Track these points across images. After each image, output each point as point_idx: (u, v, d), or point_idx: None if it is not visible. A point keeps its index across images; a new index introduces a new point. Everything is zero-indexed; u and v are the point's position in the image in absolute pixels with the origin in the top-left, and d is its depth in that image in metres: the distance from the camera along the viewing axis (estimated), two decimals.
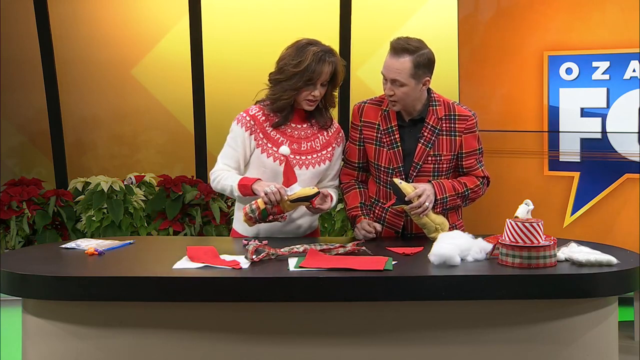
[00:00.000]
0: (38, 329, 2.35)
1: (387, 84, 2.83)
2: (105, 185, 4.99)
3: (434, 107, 2.90)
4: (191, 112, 5.56)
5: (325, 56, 2.78)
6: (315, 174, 2.92)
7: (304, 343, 2.28)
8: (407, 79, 2.77)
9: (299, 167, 2.87)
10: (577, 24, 3.99)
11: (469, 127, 2.91)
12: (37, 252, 2.73)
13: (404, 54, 2.76)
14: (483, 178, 2.96)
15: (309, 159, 2.90)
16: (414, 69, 2.76)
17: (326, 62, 2.78)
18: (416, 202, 2.75)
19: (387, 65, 2.82)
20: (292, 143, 2.88)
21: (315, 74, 2.77)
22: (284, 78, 2.80)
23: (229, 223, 5.15)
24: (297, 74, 2.77)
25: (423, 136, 2.89)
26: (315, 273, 2.29)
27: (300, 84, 2.78)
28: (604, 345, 2.38)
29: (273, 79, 2.86)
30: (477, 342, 2.28)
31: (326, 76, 2.80)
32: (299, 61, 2.77)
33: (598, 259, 2.35)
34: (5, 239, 4.97)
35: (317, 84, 2.80)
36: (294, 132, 2.90)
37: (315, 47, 2.79)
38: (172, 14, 5.56)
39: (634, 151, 3.87)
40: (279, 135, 2.88)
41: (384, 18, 5.46)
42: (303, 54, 2.77)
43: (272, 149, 2.86)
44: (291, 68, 2.77)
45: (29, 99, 5.61)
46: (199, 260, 2.41)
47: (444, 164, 2.90)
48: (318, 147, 2.92)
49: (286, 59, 2.81)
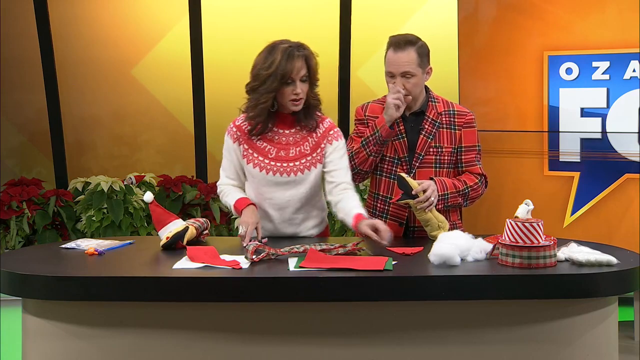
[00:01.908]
0: (38, 329, 2.35)
1: (396, 79, 2.89)
2: (105, 185, 4.99)
3: (433, 103, 3.00)
4: (191, 112, 5.56)
5: (294, 51, 2.73)
6: (309, 179, 2.86)
7: (304, 343, 2.28)
8: (416, 69, 2.88)
9: (287, 174, 2.83)
10: (577, 24, 3.99)
11: (467, 121, 3.01)
12: (37, 252, 2.73)
13: (408, 46, 2.88)
14: (481, 176, 3.02)
15: (297, 165, 2.84)
16: (419, 58, 2.89)
17: (296, 57, 2.72)
18: (422, 196, 2.80)
19: (394, 61, 2.88)
20: (280, 150, 2.84)
21: (288, 70, 2.72)
22: (259, 83, 2.75)
23: (229, 223, 5.16)
24: (270, 75, 2.72)
25: (424, 128, 2.97)
26: (315, 273, 2.29)
27: (276, 84, 2.73)
28: (604, 345, 2.38)
29: (250, 88, 2.81)
30: (477, 342, 2.28)
31: (300, 70, 2.74)
32: (270, 62, 2.73)
33: (598, 259, 2.35)
34: (5, 239, 4.97)
35: (296, 81, 2.74)
36: (281, 139, 2.85)
37: (284, 45, 2.75)
38: (172, 14, 5.56)
39: (634, 151, 3.87)
40: (266, 144, 2.85)
41: (384, 18, 5.46)
42: (272, 54, 2.74)
43: (258, 158, 2.84)
44: (264, 72, 2.73)
45: (29, 99, 5.61)
46: (199, 260, 2.41)
47: (445, 155, 2.97)
48: (307, 151, 2.86)
49: (258, 65, 2.77)
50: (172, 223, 2.74)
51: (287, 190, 2.84)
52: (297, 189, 2.85)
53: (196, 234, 2.72)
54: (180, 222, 2.74)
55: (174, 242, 2.63)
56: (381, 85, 3.13)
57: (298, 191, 2.85)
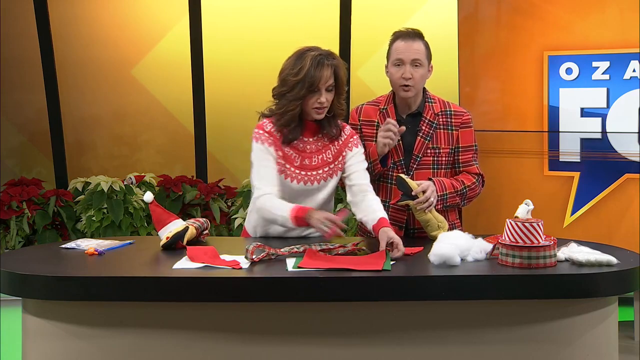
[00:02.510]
0: (38, 329, 2.35)
1: (405, 67, 2.90)
2: (105, 185, 4.99)
3: (430, 104, 3.00)
4: (191, 112, 5.56)
5: (323, 59, 2.71)
6: (328, 187, 2.85)
7: (304, 343, 2.28)
8: (424, 60, 2.93)
9: (310, 183, 2.81)
10: (577, 24, 3.99)
11: (464, 122, 3.01)
12: (37, 252, 2.73)
13: (417, 38, 2.93)
14: (478, 175, 3.03)
15: (320, 174, 2.83)
16: (426, 51, 2.94)
17: (325, 65, 2.71)
18: (422, 197, 2.81)
19: (404, 49, 2.90)
20: (304, 158, 2.81)
21: (316, 79, 2.69)
22: (287, 89, 2.72)
23: (229, 223, 5.16)
24: (299, 82, 2.69)
25: (421, 129, 2.97)
26: (315, 273, 2.29)
27: (304, 91, 2.70)
28: (604, 345, 2.38)
29: (277, 93, 2.78)
30: (477, 342, 2.28)
31: (328, 80, 2.72)
32: (299, 69, 2.70)
33: (598, 259, 2.35)
34: (5, 239, 4.97)
35: (322, 90, 2.72)
36: (305, 146, 2.82)
37: (314, 52, 2.73)
38: (172, 14, 5.56)
39: (634, 151, 3.87)
40: (292, 152, 2.80)
41: (384, 18, 5.46)
42: (302, 61, 2.71)
43: (285, 165, 2.79)
44: (292, 77, 2.71)
45: (29, 99, 5.62)
46: (199, 260, 2.41)
47: (443, 157, 2.98)
48: (330, 159, 2.84)
49: (287, 70, 2.74)
50: (172, 223, 2.73)
51: (307, 197, 2.83)
52: (317, 196, 2.84)
53: (196, 234, 2.71)
54: (180, 222, 2.74)
55: (174, 242, 2.63)
56: (381, 85, 3.13)
57: (317, 198, 2.84)
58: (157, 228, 2.76)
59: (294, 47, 2.81)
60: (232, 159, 5.62)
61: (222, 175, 5.43)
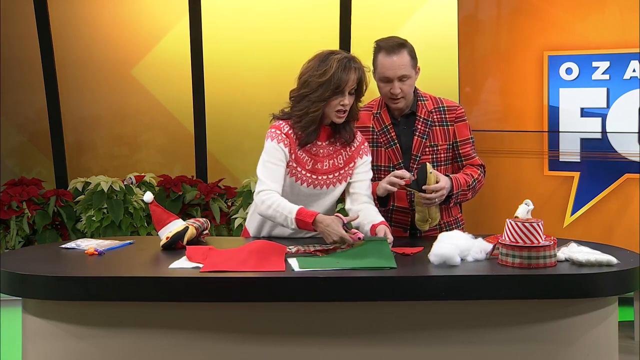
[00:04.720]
0: (38, 329, 2.35)
1: (393, 83, 2.86)
2: (105, 185, 4.99)
3: (422, 102, 2.99)
4: (191, 112, 5.56)
5: (350, 63, 2.69)
6: (336, 192, 2.84)
7: (304, 343, 2.28)
8: (410, 71, 2.87)
9: (320, 187, 2.80)
10: (577, 24, 3.99)
11: (458, 116, 3.01)
12: (37, 252, 2.73)
13: (400, 49, 2.86)
14: (481, 166, 3.04)
15: (330, 179, 2.81)
16: (411, 60, 2.88)
17: (352, 69, 2.69)
18: (428, 195, 2.80)
19: (389, 66, 2.84)
20: (316, 162, 2.79)
21: (343, 82, 2.67)
22: (310, 91, 2.69)
23: (229, 223, 5.16)
24: (323, 84, 2.67)
25: (417, 129, 2.96)
26: (316, 273, 2.29)
27: (328, 93, 2.68)
28: (604, 345, 2.38)
29: (297, 95, 2.74)
30: (477, 342, 2.28)
31: (353, 83, 2.70)
32: (324, 70, 2.67)
33: (598, 259, 2.35)
34: (5, 239, 4.97)
35: (346, 92, 2.70)
36: (318, 150, 2.80)
37: (339, 55, 2.71)
38: (172, 14, 5.56)
39: (634, 151, 3.87)
40: (305, 155, 2.78)
41: (384, 18, 5.46)
42: (327, 63, 2.68)
43: (297, 169, 2.77)
44: (316, 79, 2.68)
45: (29, 99, 5.62)
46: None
47: (441, 153, 2.97)
48: (341, 164, 2.83)
49: (309, 72, 2.71)
50: (172, 223, 2.74)
51: (315, 201, 2.82)
52: (324, 200, 2.83)
53: (196, 234, 2.71)
54: (180, 222, 2.74)
55: (174, 242, 2.63)
56: None
57: (324, 202, 2.83)
58: (157, 228, 2.76)
59: (294, 47, 2.81)
60: (232, 159, 5.62)
61: (222, 175, 5.43)
